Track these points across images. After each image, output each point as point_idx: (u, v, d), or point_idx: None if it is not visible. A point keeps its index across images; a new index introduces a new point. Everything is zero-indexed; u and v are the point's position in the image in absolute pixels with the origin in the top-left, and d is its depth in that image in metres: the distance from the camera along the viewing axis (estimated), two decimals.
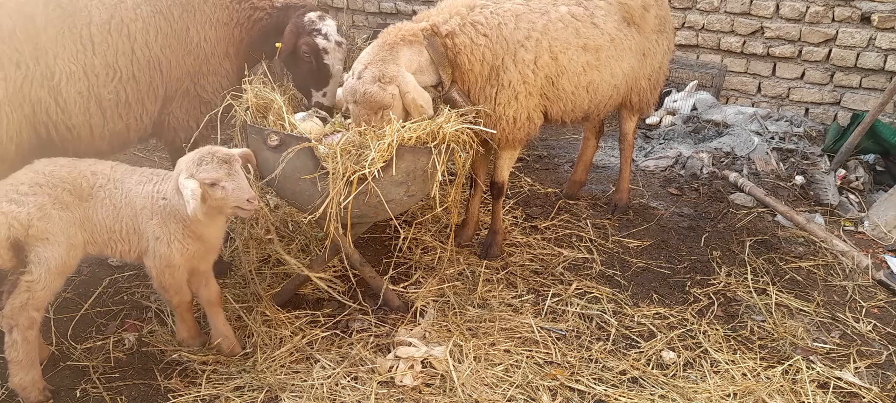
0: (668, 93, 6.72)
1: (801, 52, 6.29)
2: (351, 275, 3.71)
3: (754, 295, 3.96)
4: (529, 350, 3.42)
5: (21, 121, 3.14)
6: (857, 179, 5.42)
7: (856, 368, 3.39)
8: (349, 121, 3.57)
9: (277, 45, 3.65)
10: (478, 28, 3.59)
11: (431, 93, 3.64)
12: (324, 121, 3.68)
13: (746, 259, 4.34)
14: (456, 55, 3.57)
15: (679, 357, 3.42)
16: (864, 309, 3.88)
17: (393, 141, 3.15)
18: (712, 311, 3.82)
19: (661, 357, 3.43)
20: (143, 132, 3.60)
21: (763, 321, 3.74)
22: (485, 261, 4.15)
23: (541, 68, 3.73)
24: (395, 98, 3.34)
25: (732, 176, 5.46)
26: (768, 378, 3.27)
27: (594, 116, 4.29)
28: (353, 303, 3.68)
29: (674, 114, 6.60)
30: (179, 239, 2.98)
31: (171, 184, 2.93)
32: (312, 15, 3.71)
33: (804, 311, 3.85)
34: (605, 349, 3.47)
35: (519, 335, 3.53)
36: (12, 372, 2.93)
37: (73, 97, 3.23)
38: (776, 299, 3.91)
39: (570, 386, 3.20)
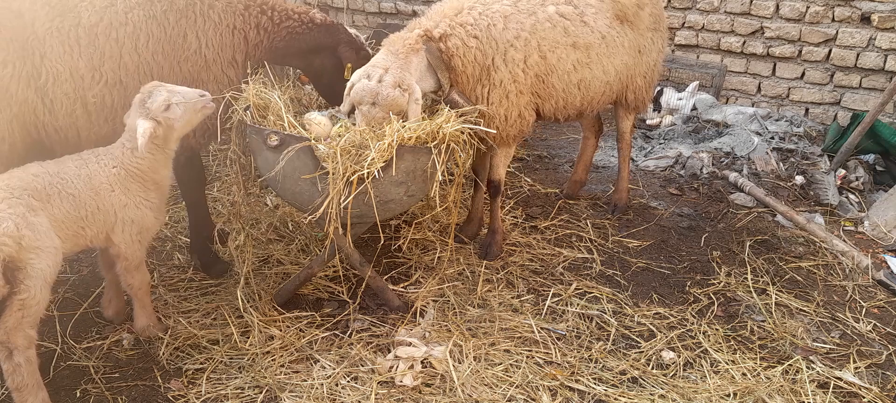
0: (661, 92, 6.71)
1: (801, 51, 6.29)
2: (351, 275, 3.71)
3: (754, 295, 3.96)
4: (529, 350, 3.42)
5: (11, 119, 3.10)
6: (857, 179, 5.42)
7: (856, 368, 3.39)
8: (351, 120, 3.58)
9: (349, 65, 3.73)
10: (468, 30, 3.66)
11: (430, 98, 3.71)
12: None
13: (746, 259, 4.34)
14: (450, 58, 3.62)
15: (679, 357, 3.42)
16: (864, 309, 3.88)
17: (393, 141, 3.16)
18: (712, 311, 3.82)
19: (661, 357, 3.43)
20: None
21: (763, 321, 3.74)
22: (485, 261, 4.15)
23: (530, 67, 3.80)
24: (407, 104, 3.42)
25: (732, 176, 5.46)
26: (768, 378, 3.27)
27: (588, 113, 4.35)
28: (354, 303, 3.68)
29: (673, 114, 6.60)
30: (144, 196, 3.13)
31: (115, 149, 3.10)
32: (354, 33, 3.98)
33: (804, 311, 3.85)
34: (605, 349, 3.47)
35: (519, 335, 3.53)
36: (19, 402, 2.76)
37: (60, 98, 3.18)
38: (776, 299, 3.91)
39: (570, 386, 3.20)
